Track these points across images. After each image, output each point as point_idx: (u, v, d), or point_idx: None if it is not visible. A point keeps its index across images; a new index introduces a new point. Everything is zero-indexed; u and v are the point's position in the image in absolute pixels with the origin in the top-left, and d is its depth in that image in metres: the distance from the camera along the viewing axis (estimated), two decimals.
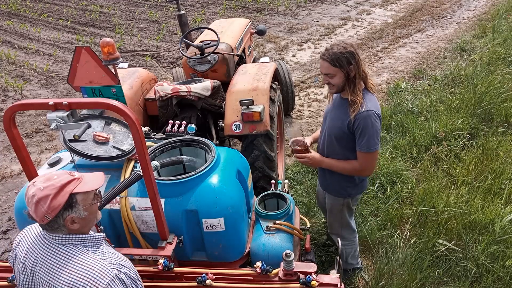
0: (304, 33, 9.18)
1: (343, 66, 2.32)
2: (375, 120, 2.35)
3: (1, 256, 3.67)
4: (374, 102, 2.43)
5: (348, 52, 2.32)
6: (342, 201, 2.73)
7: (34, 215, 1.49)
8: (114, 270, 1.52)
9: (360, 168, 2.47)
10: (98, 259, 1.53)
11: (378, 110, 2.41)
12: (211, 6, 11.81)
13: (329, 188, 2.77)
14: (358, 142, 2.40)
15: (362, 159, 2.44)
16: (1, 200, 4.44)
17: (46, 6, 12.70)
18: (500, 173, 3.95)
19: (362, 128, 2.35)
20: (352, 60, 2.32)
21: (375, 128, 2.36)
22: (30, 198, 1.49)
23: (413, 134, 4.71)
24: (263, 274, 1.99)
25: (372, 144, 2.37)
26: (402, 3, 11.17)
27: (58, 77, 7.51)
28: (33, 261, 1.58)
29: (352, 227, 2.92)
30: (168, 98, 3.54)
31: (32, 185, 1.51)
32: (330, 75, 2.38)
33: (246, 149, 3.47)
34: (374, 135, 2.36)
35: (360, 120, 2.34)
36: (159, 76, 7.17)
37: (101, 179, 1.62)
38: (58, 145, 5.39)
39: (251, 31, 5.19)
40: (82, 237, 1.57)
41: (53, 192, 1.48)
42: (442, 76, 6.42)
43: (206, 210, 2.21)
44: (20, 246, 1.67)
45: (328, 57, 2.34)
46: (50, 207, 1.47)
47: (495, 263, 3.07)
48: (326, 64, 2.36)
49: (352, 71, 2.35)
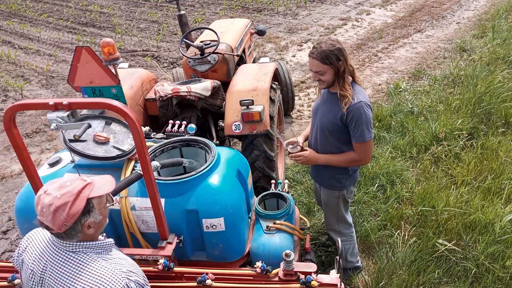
0: (304, 33, 9.18)
1: (333, 63, 2.38)
2: (367, 110, 2.43)
3: (1, 256, 3.68)
4: (363, 93, 2.51)
5: (336, 48, 2.37)
6: (337, 194, 2.77)
7: (50, 224, 1.46)
8: (125, 278, 1.51)
9: (359, 158, 2.54)
10: (109, 267, 1.52)
11: (368, 101, 2.50)
12: (211, 6, 11.81)
13: (324, 182, 2.80)
14: (353, 133, 2.46)
15: (359, 149, 2.51)
16: (1, 200, 4.44)
17: (46, 6, 12.70)
18: (500, 173, 3.96)
19: (356, 120, 2.41)
20: (341, 56, 2.38)
21: (368, 118, 2.43)
22: (46, 207, 1.45)
23: (413, 134, 4.71)
24: (263, 274, 1.99)
25: (366, 133, 2.44)
26: (402, 3, 11.17)
27: (58, 77, 7.51)
28: (42, 269, 1.56)
29: (348, 222, 2.95)
30: (168, 98, 3.55)
31: (45, 194, 1.48)
32: (321, 72, 2.43)
33: (246, 149, 3.47)
34: (367, 124, 2.43)
35: (353, 112, 2.40)
36: (159, 76, 7.18)
37: (112, 182, 1.63)
38: (58, 145, 5.39)
39: (251, 31, 5.19)
40: (93, 244, 1.56)
41: (71, 198, 1.46)
42: (442, 76, 6.42)
43: (206, 210, 2.21)
44: (27, 252, 1.65)
45: (317, 55, 2.38)
46: (70, 214, 1.45)
47: (495, 263, 3.07)
48: (316, 62, 2.40)
49: (341, 66, 2.40)
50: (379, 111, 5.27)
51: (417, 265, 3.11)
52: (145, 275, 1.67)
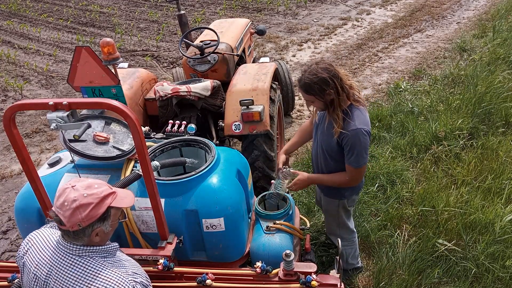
0: (304, 33, 9.18)
1: (317, 94, 2.29)
2: (364, 137, 2.33)
3: (1, 256, 3.68)
4: (362, 118, 2.37)
5: (319, 79, 2.24)
6: (337, 203, 2.74)
7: (65, 220, 1.45)
8: (132, 281, 1.52)
9: (349, 180, 2.50)
10: (116, 271, 1.53)
11: (367, 126, 2.36)
12: (211, 6, 11.80)
13: (324, 190, 2.79)
14: (347, 157, 2.42)
15: (351, 173, 2.47)
16: (1, 200, 4.44)
17: (46, 6, 12.70)
18: (500, 173, 3.95)
19: (351, 146, 2.34)
20: (325, 86, 2.25)
21: (364, 145, 2.35)
22: (69, 202, 1.45)
23: (413, 134, 4.71)
24: (263, 274, 1.98)
25: (360, 160, 2.39)
26: (402, 3, 11.17)
27: (58, 77, 7.51)
28: (47, 273, 1.55)
29: (350, 228, 2.92)
30: (168, 98, 3.54)
31: (72, 188, 1.48)
32: (310, 100, 2.38)
33: (246, 149, 3.47)
34: (362, 151, 2.36)
35: (348, 138, 2.33)
36: (159, 76, 7.17)
37: (133, 198, 1.66)
38: (58, 145, 5.39)
39: (251, 31, 5.19)
40: (99, 249, 1.56)
41: (96, 201, 1.47)
42: (442, 76, 6.42)
43: (206, 210, 2.21)
44: (28, 255, 1.64)
45: (301, 87, 2.33)
46: (88, 216, 1.46)
47: (495, 263, 3.06)
48: (302, 92, 2.38)
49: (329, 95, 2.29)
50: (379, 111, 5.27)
51: (417, 265, 3.11)
52: (148, 276, 1.68)
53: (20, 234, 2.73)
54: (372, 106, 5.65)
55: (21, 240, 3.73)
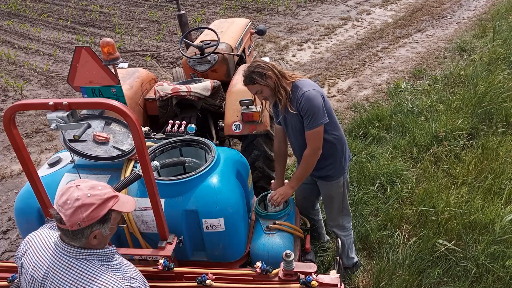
0: (304, 33, 9.18)
1: (260, 79, 2.44)
2: (315, 97, 2.42)
3: (1, 256, 3.68)
4: (308, 83, 2.51)
5: (255, 68, 2.44)
6: (342, 180, 2.77)
7: (65, 218, 1.45)
8: (128, 287, 1.52)
9: (312, 149, 2.51)
10: (111, 275, 1.52)
11: (315, 87, 2.48)
12: (211, 6, 11.81)
13: (330, 172, 2.74)
14: (306, 123, 2.47)
15: (309, 140, 2.50)
16: (1, 200, 4.44)
17: (46, 6, 12.70)
18: (500, 173, 3.95)
19: (307, 110, 2.43)
20: (264, 70, 2.43)
21: (317, 104, 2.42)
22: (72, 200, 1.45)
23: (413, 134, 4.71)
24: (263, 274, 1.98)
25: (317, 120, 2.43)
26: (402, 3, 11.17)
27: (58, 77, 7.51)
28: (44, 275, 1.55)
29: (349, 211, 2.98)
30: (168, 98, 3.54)
31: (76, 187, 1.48)
32: (259, 91, 2.50)
33: (246, 149, 3.47)
34: (317, 111, 2.42)
35: (302, 104, 2.43)
36: (159, 76, 7.17)
37: (134, 205, 1.68)
38: (58, 145, 5.39)
39: (251, 31, 5.18)
40: (97, 252, 1.56)
41: (98, 202, 1.48)
42: (442, 76, 6.42)
43: (206, 210, 2.21)
44: (26, 256, 1.64)
45: (246, 81, 2.49)
46: (89, 216, 1.46)
47: (495, 263, 3.06)
48: (249, 86, 2.50)
49: (270, 78, 2.43)
50: (379, 111, 5.27)
51: (417, 265, 3.10)
52: (145, 280, 1.67)
53: (20, 234, 2.73)
54: (372, 106, 5.65)
55: (21, 240, 3.73)
